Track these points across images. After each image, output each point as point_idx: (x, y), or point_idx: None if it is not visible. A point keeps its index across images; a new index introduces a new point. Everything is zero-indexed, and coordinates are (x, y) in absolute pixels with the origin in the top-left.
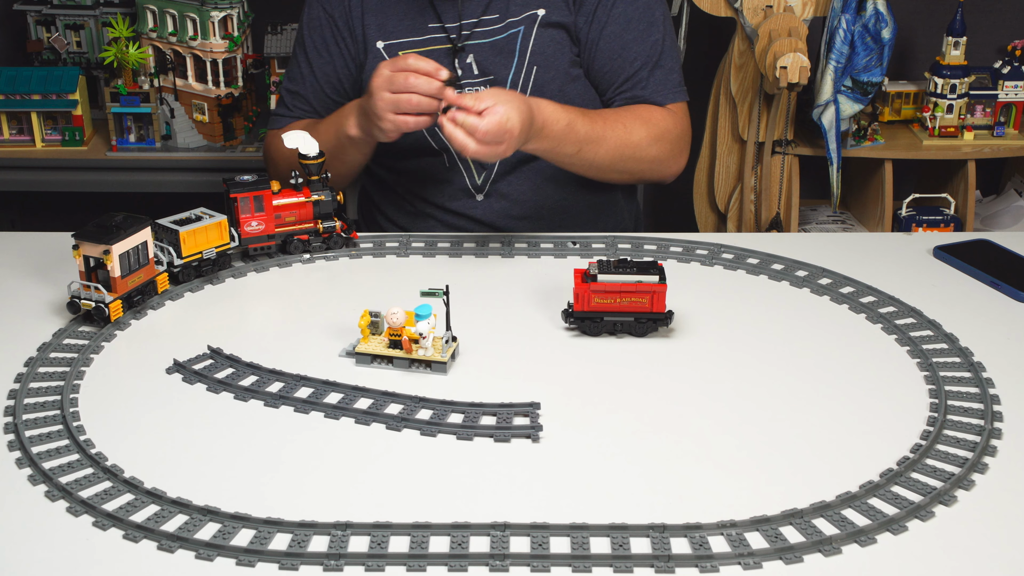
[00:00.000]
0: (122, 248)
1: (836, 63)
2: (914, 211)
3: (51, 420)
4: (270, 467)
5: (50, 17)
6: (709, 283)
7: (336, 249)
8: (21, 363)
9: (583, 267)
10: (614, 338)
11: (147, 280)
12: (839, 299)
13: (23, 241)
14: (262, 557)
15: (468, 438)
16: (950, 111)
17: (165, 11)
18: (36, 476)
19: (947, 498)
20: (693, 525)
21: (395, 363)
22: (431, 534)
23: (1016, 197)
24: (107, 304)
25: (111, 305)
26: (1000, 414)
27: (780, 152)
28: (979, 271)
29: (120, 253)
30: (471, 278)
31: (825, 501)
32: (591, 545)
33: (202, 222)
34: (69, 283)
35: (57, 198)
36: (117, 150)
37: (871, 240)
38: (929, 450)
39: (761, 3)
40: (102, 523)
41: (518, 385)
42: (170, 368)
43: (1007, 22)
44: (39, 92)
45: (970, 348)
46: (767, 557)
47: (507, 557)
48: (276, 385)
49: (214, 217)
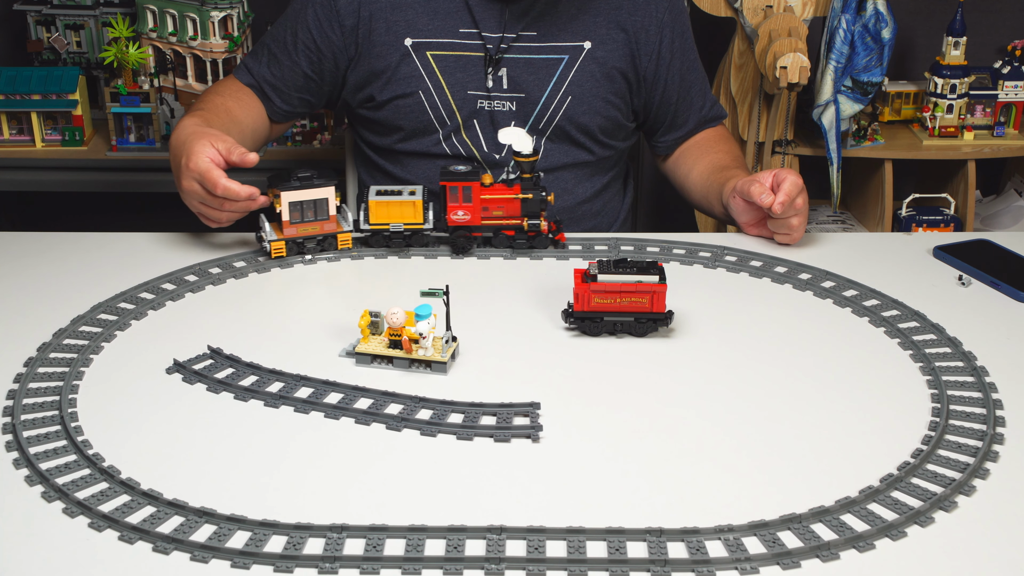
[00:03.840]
0: (293, 197)
1: (836, 63)
2: (914, 211)
3: (49, 420)
4: (270, 467)
5: (50, 17)
6: (710, 284)
7: (540, 248)
8: (20, 363)
9: (583, 267)
10: (614, 338)
11: (324, 233)
12: (842, 302)
13: (23, 241)
14: (257, 559)
15: (468, 438)
16: (950, 111)
17: (165, 11)
18: (33, 477)
19: (948, 504)
20: (690, 530)
21: (395, 363)
22: (427, 537)
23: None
24: (269, 241)
25: (273, 243)
26: (1003, 419)
27: (780, 152)
28: (979, 271)
29: (291, 200)
30: (471, 278)
31: (824, 506)
32: (587, 549)
33: (398, 196)
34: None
35: (57, 198)
36: (117, 150)
37: (871, 240)
38: (930, 455)
39: (761, 3)
40: (98, 524)
41: (518, 385)
42: (170, 368)
43: (1007, 22)
44: (39, 92)
45: (973, 352)
46: (764, 562)
47: (503, 561)
48: (276, 385)
49: (414, 195)
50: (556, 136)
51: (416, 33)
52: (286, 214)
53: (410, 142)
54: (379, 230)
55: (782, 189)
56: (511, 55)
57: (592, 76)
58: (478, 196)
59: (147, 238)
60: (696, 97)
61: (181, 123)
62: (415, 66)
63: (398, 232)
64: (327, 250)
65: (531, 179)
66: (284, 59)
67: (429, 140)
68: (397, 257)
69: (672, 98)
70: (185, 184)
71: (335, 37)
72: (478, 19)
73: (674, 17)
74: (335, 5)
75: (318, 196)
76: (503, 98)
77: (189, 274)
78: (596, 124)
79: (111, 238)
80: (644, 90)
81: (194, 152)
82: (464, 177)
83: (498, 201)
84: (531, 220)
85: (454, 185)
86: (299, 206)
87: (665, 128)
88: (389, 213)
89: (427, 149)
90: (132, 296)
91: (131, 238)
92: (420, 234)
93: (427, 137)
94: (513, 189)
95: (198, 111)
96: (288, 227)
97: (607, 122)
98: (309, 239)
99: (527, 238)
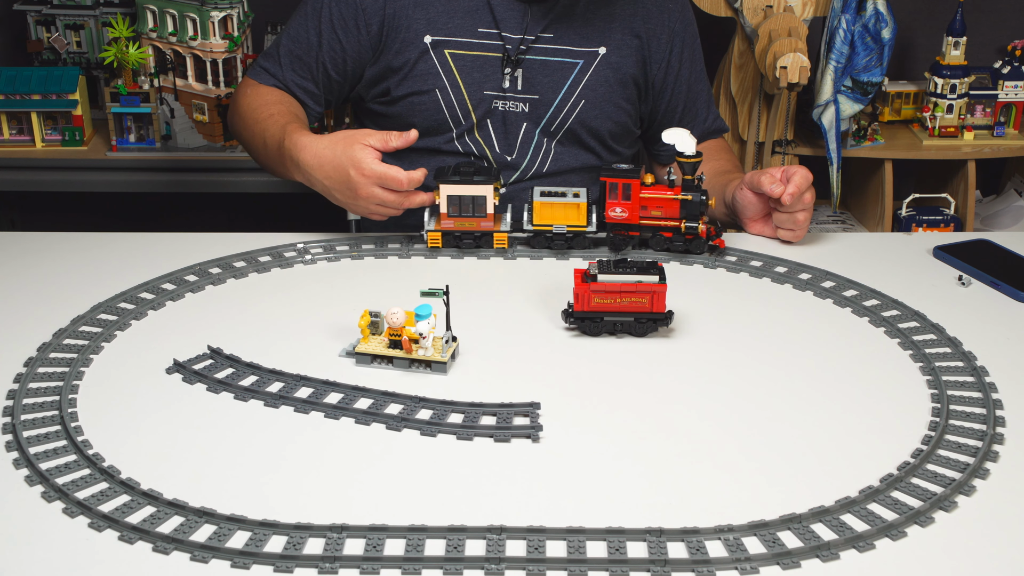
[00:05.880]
0: (452, 190)
1: (836, 63)
2: (914, 211)
3: (49, 420)
4: (270, 467)
5: (50, 17)
6: (711, 284)
7: (696, 254)
8: (20, 363)
9: (583, 267)
10: (614, 338)
11: (480, 231)
12: (841, 302)
13: (23, 241)
14: (257, 559)
15: (468, 438)
16: (950, 111)
17: (165, 11)
18: (33, 477)
19: (947, 504)
20: (690, 530)
21: (395, 363)
22: (427, 537)
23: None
24: (427, 231)
25: (430, 234)
26: (1003, 419)
27: (780, 152)
28: (979, 271)
29: (449, 194)
30: (471, 278)
31: (824, 506)
32: (587, 549)
33: (562, 198)
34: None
35: (57, 198)
36: (117, 150)
37: (871, 240)
38: (930, 455)
39: (761, 3)
40: (98, 525)
41: (518, 385)
42: (170, 368)
43: (1007, 22)
44: (39, 92)
45: (973, 352)
46: (764, 562)
47: (503, 561)
48: (276, 385)
49: (578, 197)
50: (566, 139)
51: (436, 30)
52: (444, 207)
53: (422, 139)
54: (541, 231)
55: (792, 181)
56: (527, 56)
57: (606, 81)
58: (637, 194)
59: (147, 238)
60: (701, 108)
61: (295, 142)
62: (433, 63)
63: (560, 233)
64: (483, 247)
65: (692, 181)
66: (310, 60)
67: (442, 138)
68: (397, 257)
69: (677, 107)
70: (363, 193)
71: (362, 37)
72: (499, 19)
73: (685, 27)
74: (360, 4)
75: (476, 192)
76: (517, 99)
77: (189, 274)
78: (607, 129)
79: (111, 238)
80: (651, 97)
81: (358, 160)
82: (624, 174)
83: (657, 201)
84: (689, 223)
85: (614, 182)
86: (457, 200)
87: None
88: (553, 214)
89: (438, 147)
90: (132, 296)
91: (131, 238)
92: (582, 236)
93: (440, 135)
94: (674, 190)
95: (286, 122)
96: (445, 220)
97: (617, 127)
98: (466, 235)
99: (684, 241)
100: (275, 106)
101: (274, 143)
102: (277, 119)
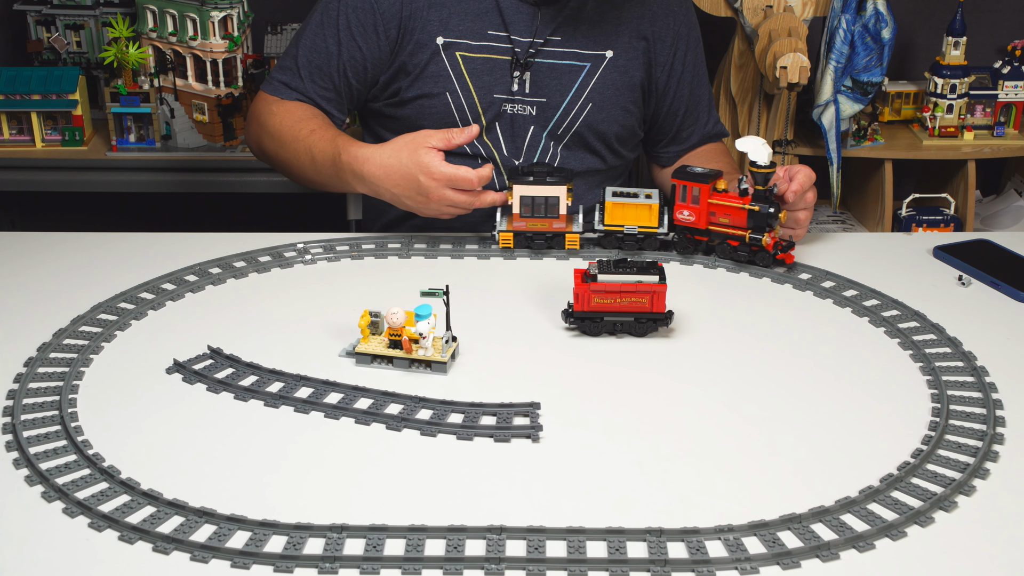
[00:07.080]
0: (525, 191)
1: (836, 63)
2: (914, 211)
3: (49, 420)
4: (270, 467)
5: (50, 17)
6: (711, 284)
7: (763, 266)
8: (21, 363)
9: (583, 267)
10: (614, 338)
11: (552, 231)
12: (841, 302)
13: (23, 241)
14: (257, 559)
15: (468, 438)
16: (950, 111)
17: (165, 11)
18: (33, 477)
19: (947, 504)
20: (690, 529)
21: (395, 363)
22: (427, 537)
23: (1016, 197)
24: (497, 231)
25: (502, 234)
26: (1003, 419)
27: (780, 152)
28: (979, 271)
29: (522, 194)
30: (471, 278)
31: (824, 506)
32: (587, 549)
33: (635, 199)
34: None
35: (57, 198)
36: (117, 150)
37: (871, 240)
38: (930, 455)
39: (761, 3)
40: (98, 524)
41: (518, 385)
42: (170, 368)
43: (1007, 22)
44: (39, 92)
45: (973, 352)
46: (764, 562)
47: (503, 561)
48: (276, 385)
49: (650, 198)
50: (573, 143)
51: (448, 32)
52: (516, 207)
53: None
54: (613, 231)
55: (796, 179)
56: (535, 59)
57: (613, 84)
58: (705, 199)
59: (147, 238)
60: (702, 112)
61: (355, 155)
62: (443, 65)
63: (631, 234)
64: (555, 248)
65: (764, 191)
66: (330, 69)
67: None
68: (397, 257)
69: (679, 111)
70: (435, 196)
71: (381, 42)
72: (508, 21)
73: (689, 30)
74: (377, 9)
75: (550, 193)
76: (525, 102)
77: (189, 274)
78: (613, 132)
79: (111, 238)
80: (654, 100)
81: (425, 164)
82: (697, 178)
83: (725, 208)
84: (755, 234)
85: (684, 184)
86: (530, 201)
87: (668, 140)
88: (624, 215)
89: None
90: (132, 296)
91: (131, 238)
92: (653, 237)
93: None
94: (744, 199)
95: (334, 136)
96: (518, 220)
97: (624, 130)
98: (538, 235)
99: (749, 252)
100: (312, 121)
101: (325, 158)
102: (320, 134)
